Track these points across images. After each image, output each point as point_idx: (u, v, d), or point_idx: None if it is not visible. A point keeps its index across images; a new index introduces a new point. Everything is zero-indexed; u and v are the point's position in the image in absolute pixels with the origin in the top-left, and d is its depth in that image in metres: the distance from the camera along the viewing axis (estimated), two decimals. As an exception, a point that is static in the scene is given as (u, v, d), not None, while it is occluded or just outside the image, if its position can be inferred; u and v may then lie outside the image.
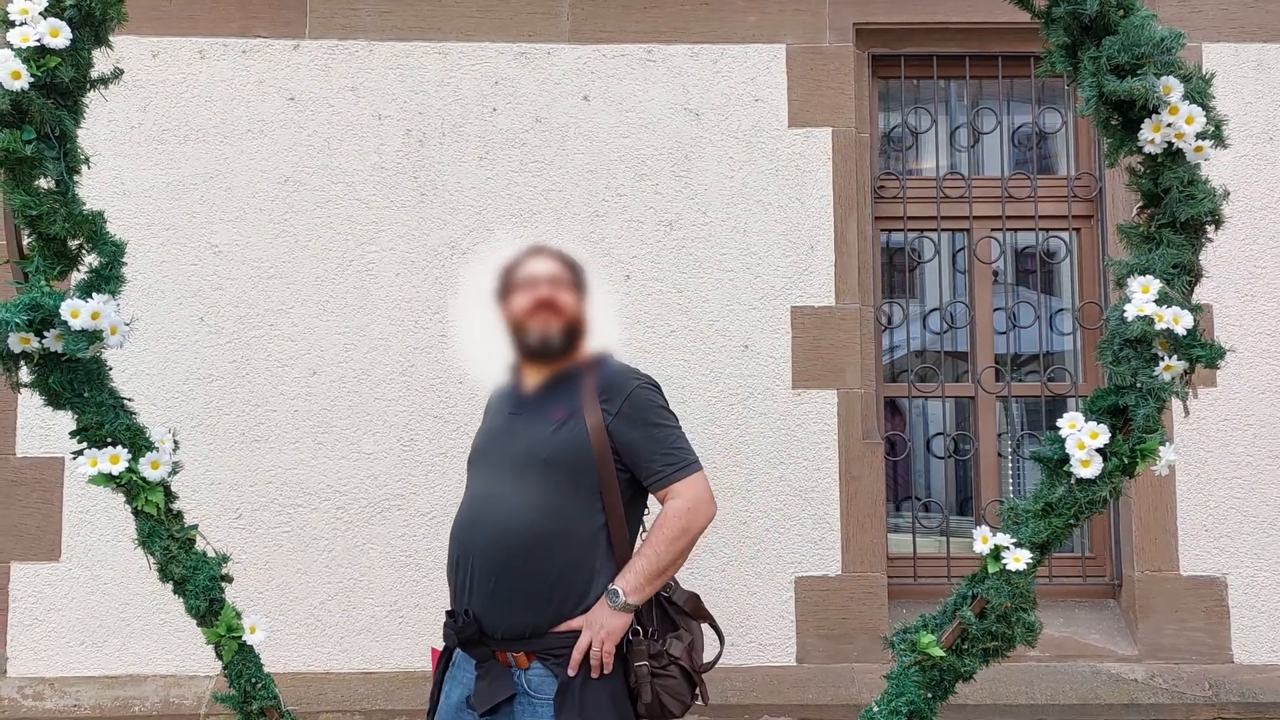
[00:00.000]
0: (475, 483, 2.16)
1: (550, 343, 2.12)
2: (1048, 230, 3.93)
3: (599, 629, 2.00)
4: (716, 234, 3.66)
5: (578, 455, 2.05)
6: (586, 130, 3.68)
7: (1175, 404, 1.90)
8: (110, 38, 1.64)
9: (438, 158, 3.65)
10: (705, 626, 2.22)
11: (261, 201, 3.61)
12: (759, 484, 3.59)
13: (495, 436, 2.18)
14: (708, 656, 2.19)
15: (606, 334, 2.22)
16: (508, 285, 2.20)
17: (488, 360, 2.24)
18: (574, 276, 2.21)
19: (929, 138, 4.01)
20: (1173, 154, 1.83)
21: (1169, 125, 1.81)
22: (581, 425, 2.06)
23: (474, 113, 3.67)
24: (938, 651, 1.84)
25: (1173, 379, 1.81)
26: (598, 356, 2.19)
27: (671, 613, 2.14)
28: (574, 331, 2.15)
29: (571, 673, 1.98)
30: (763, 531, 3.58)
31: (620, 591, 2.01)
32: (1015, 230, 3.97)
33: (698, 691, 2.14)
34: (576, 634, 2.00)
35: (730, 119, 3.70)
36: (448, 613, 2.09)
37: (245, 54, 3.67)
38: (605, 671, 2.00)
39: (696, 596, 2.20)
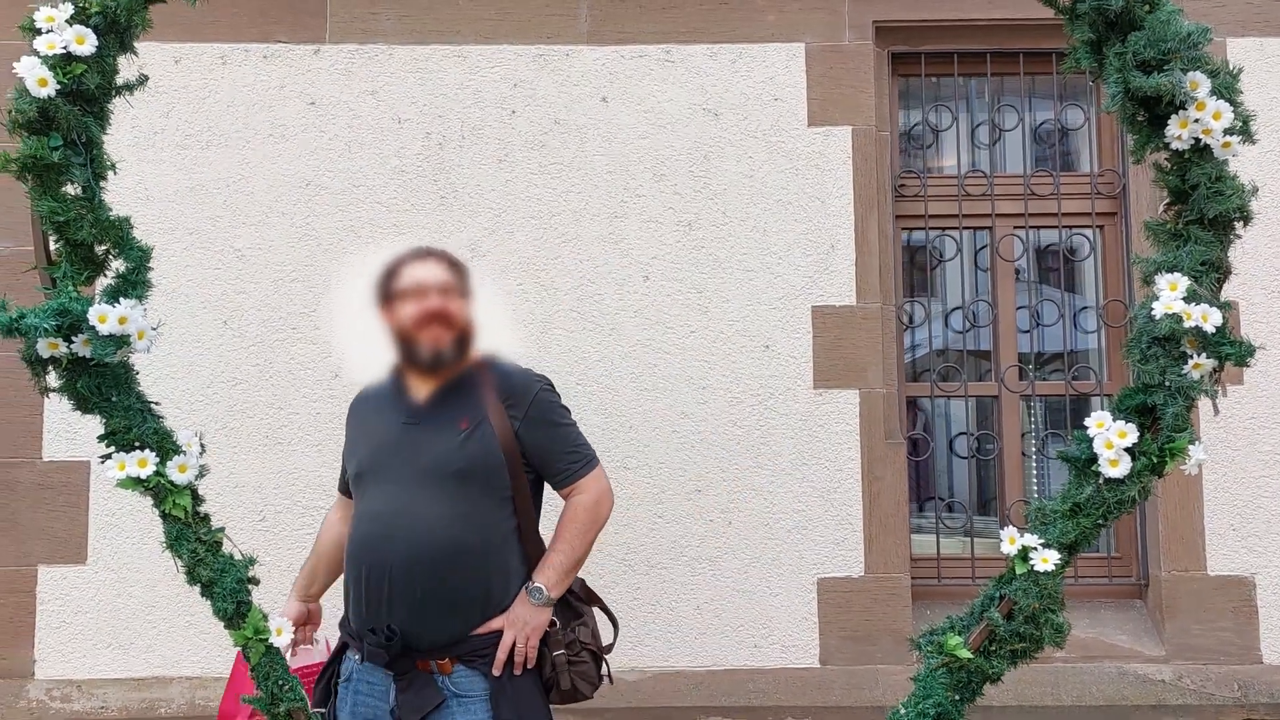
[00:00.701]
0: (376, 498, 2.07)
1: (443, 356, 2.08)
2: (1071, 228, 3.89)
3: (523, 625, 2.06)
4: (736, 234, 3.65)
5: (490, 463, 2.06)
6: (605, 131, 3.68)
7: (1204, 402, 1.88)
8: (134, 44, 1.65)
9: (457, 160, 3.66)
10: (598, 611, 2.29)
11: (283, 206, 3.63)
12: (780, 485, 3.57)
13: (391, 449, 2.09)
14: (605, 639, 2.26)
15: (496, 335, 2.19)
16: (391, 291, 2.13)
17: (367, 363, 2.19)
18: (462, 281, 2.16)
19: (950, 135, 3.99)
20: (1200, 150, 1.81)
21: (1196, 121, 1.79)
22: (490, 432, 2.07)
23: (493, 115, 3.68)
24: (965, 653, 1.82)
25: (1201, 377, 1.79)
26: (488, 359, 2.17)
27: (571, 601, 2.20)
28: (465, 340, 2.12)
29: (497, 672, 2.03)
30: (784, 533, 3.57)
31: (543, 588, 2.08)
32: (1038, 228, 3.94)
33: (604, 672, 2.23)
34: (496, 633, 2.05)
35: (749, 119, 3.69)
36: (370, 630, 2.01)
37: (266, 59, 3.69)
38: (529, 665, 2.08)
39: (584, 582, 2.27)
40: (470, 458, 2.05)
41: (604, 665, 2.23)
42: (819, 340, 3.62)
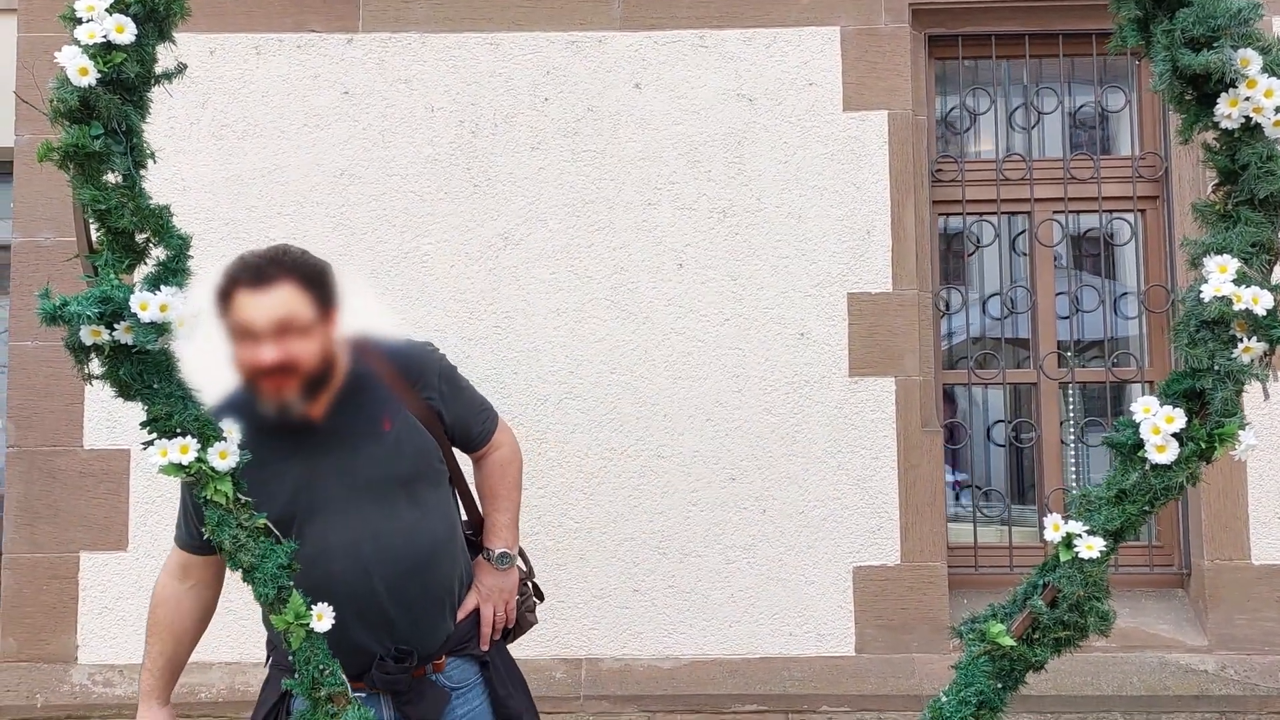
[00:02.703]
0: (322, 532, 1.84)
1: (289, 406, 1.79)
2: (1111, 212, 3.83)
3: (498, 594, 2.05)
4: (771, 220, 3.62)
5: (428, 455, 1.95)
6: (639, 118, 3.66)
7: (1253, 387, 1.84)
8: (173, 33, 1.65)
9: (490, 149, 3.66)
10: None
11: (318, 195, 3.65)
12: (816, 473, 3.55)
13: (319, 479, 1.85)
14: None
15: (360, 320, 1.94)
16: (224, 320, 1.77)
17: (216, 378, 1.84)
18: (314, 302, 1.80)
19: (988, 119, 3.93)
20: (1250, 129, 1.76)
21: (1247, 99, 1.74)
22: (413, 423, 1.92)
23: (526, 103, 3.67)
24: (1008, 641, 1.80)
25: (1252, 361, 1.75)
26: (366, 341, 1.94)
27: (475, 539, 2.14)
28: (323, 374, 1.82)
29: (486, 647, 2.02)
30: (820, 521, 3.55)
31: (507, 551, 2.07)
32: (1078, 213, 3.88)
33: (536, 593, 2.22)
34: (472, 614, 2.02)
35: (784, 104, 3.66)
36: (381, 658, 1.86)
37: (300, 49, 3.70)
38: (509, 628, 2.08)
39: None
40: (411, 458, 1.91)
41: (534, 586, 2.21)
42: (855, 327, 3.59)
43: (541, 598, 2.23)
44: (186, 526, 1.93)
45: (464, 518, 2.15)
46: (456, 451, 2.09)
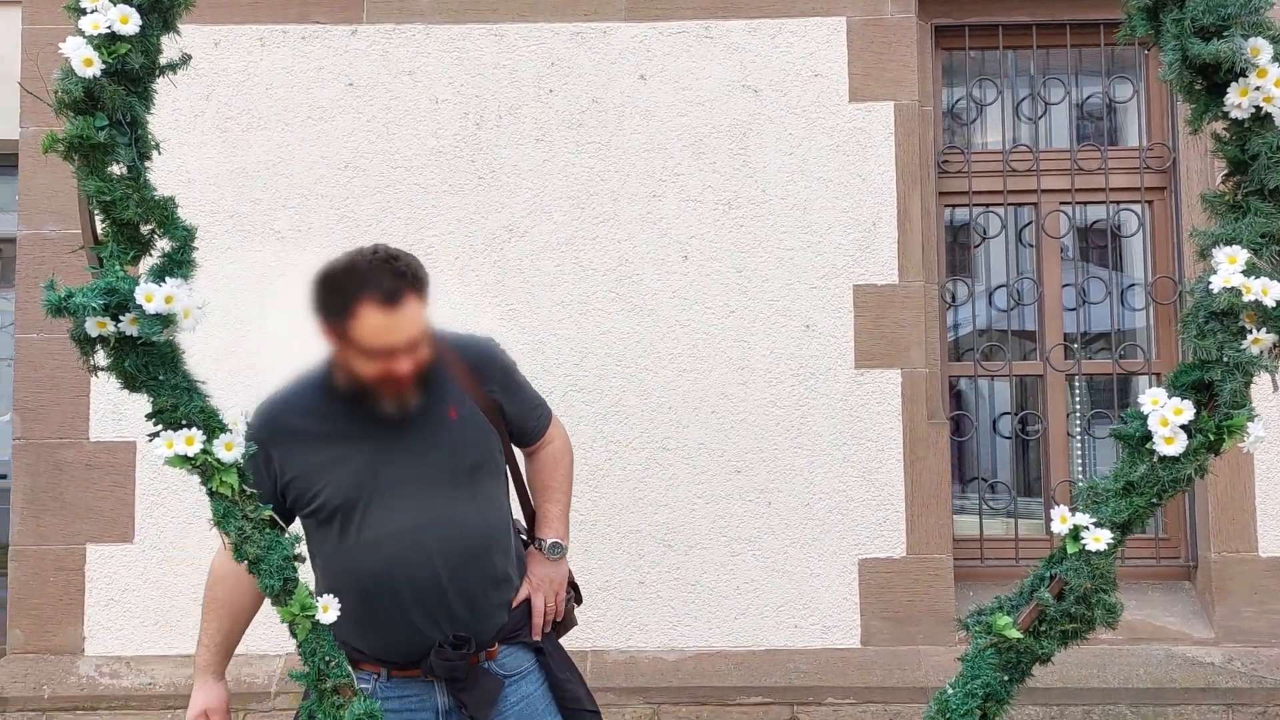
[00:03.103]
0: (387, 517, 1.87)
1: (406, 404, 1.85)
2: (1118, 203, 3.82)
3: (549, 584, 2.07)
4: (776, 212, 3.61)
5: (490, 445, 1.99)
6: (643, 109, 3.65)
7: (1262, 379, 1.83)
8: (177, 23, 1.65)
9: (495, 140, 3.65)
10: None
11: (322, 187, 3.64)
12: (821, 465, 3.55)
13: (384, 463, 1.87)
14: None
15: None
16: (345, 331, 1.80)
17: (285, 364, 1.94)
18: (425, 303, 1.84)
19: (994, 110, 3.91)
20: (1261, 119, 1.75)
21: (1257, 89, 1.73)
22: (478, 413, 1.96)
23: (530, 94, 3.66)
24: (1014, 633, 1.79)
25: (1261, 352, 1.74)
26: (431, 334, 1.92)
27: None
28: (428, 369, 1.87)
29: (538, 637, 2.04)
30: (825, 513, 3.55)
31: (560, 542, 2.10)
32: (1085, 204, 3.86)
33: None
34: (525, 605, 2.04)
35: (789, 95, 3.64)
36: (440, 645, 1.86)
37: (304, 40, 3.69)
38: (558, 620, 2.10)
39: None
40: (474, 448, 1.95)
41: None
42: (860, 319, 3.58)
43: (580, 600, 2.24)
44: None
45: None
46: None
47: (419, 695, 1.93)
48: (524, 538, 2.14)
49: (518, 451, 2.14)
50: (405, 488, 1.88)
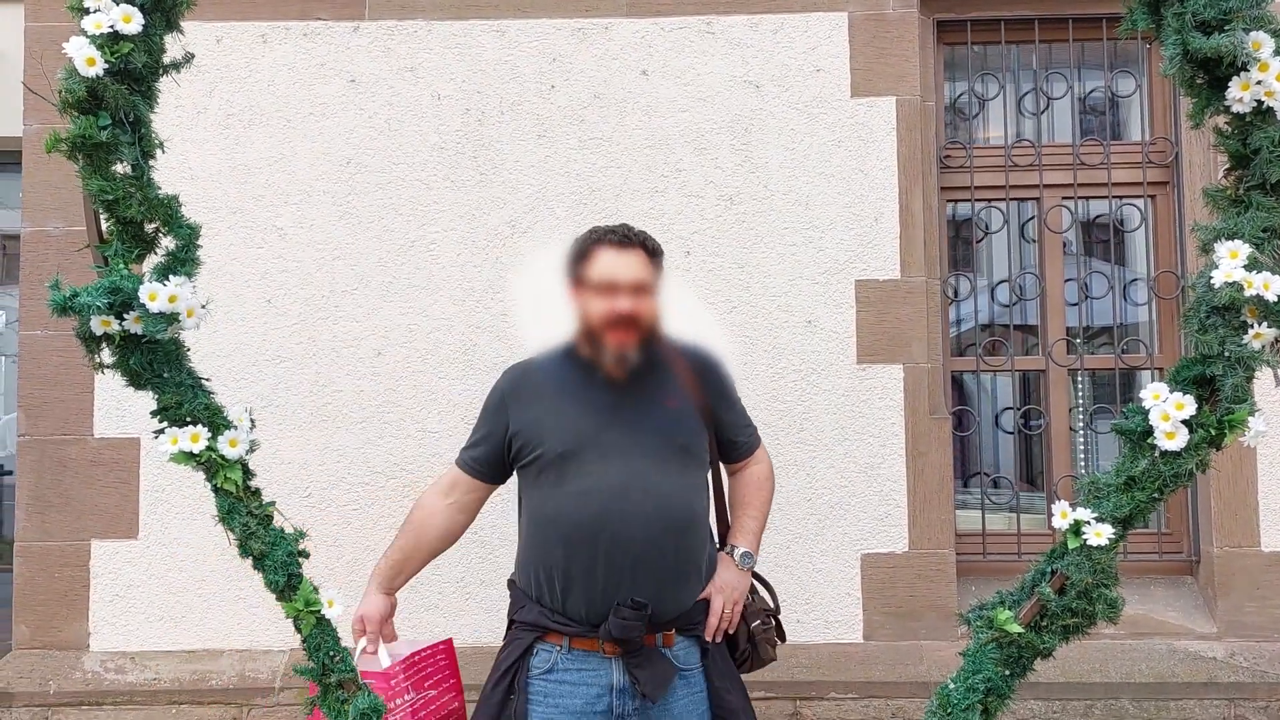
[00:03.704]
0: (598, 473, 2.00)
1: (626, 358, 2.01)
2: (1121, 198, 3.81)
3: (731, 591, 2.11)
4: (778, 208, 3.61)
5: (701, 440, 2.10)
6: (645, 105, 3.65)
7: (1264, 373, 1.83)
8: (180, 22, 1.65)
9: (497, 136, 3.65)
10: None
11: (324, 184, 3.65)
12: (823, 461, 3.55)
13: (605, 424, 2.03)
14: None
15: (676, 313, 2.12)
16: (581, 275, 2.05)
17: (542, 333, 2.13)
18: (658, 273, 2.07)
19: (996, 105, 3.91)
20: (1263, 113, 1.76)
21: (1259, 83, 1.73)
22: (694, 411, 2.10)
23: (532, 90, 3.66)
24: (1015, 628, 1.80)
25: (1263, 347, 1.75)
26: (664, 335, 2.12)
27: None
28: (651, 338, 2.05)
29: (710, 639, 2.07)
30: (827, 508, 3.55)
31: (750, 553, 2.16)
32: (1087, 198, 3.86)
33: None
34: (704, 602, 2.08)
35: (791, 90, 3.64)
36: (619, 604, 1.94)
37: (306, 37, 3.69)
38: (731, 631, 2.12)
39: None
40: (689, 432, 2.08)
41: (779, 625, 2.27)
42: (862, 315, 3.58)
43: (783, 638, 2.26)
44: (475, 451, 2.17)
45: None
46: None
47: (595, 670, 2.00)
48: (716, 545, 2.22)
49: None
50: (620, 449, 2.00)
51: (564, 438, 2.02)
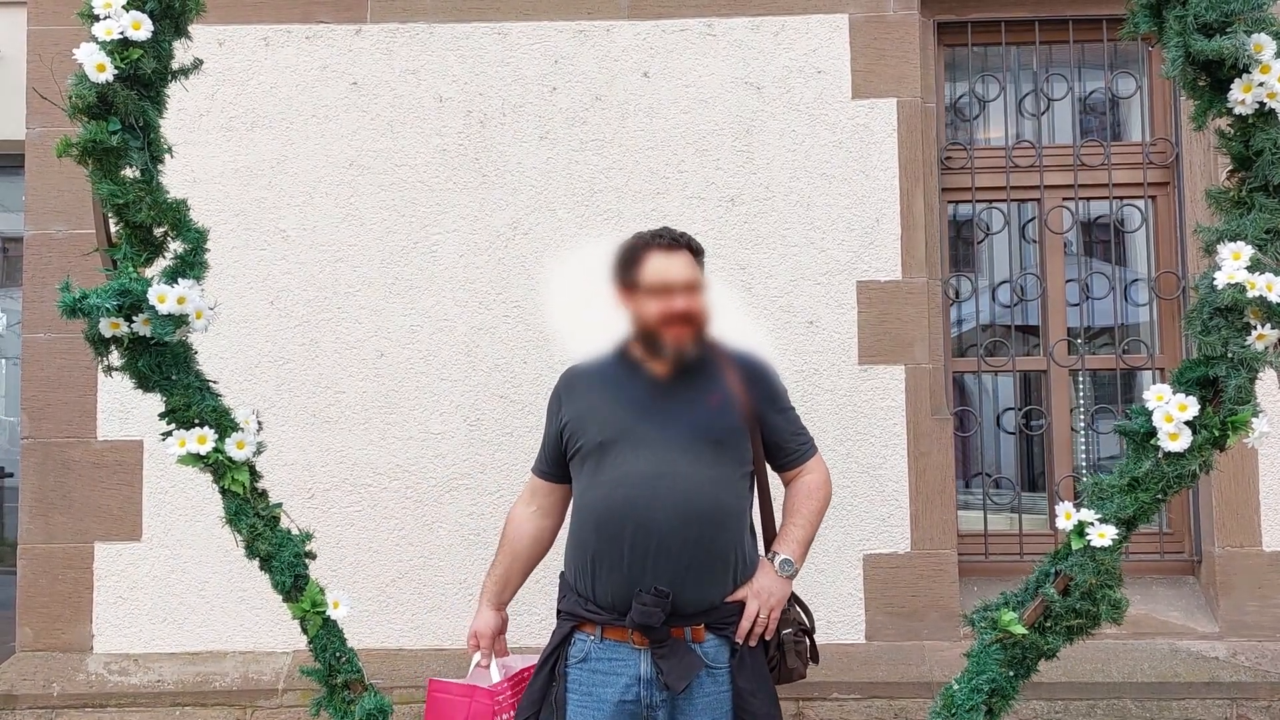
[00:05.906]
0: (631, 461, 2.06)
1: (684, 353, 2.09)
2: (1122, 198, 3.82)
3: (768, 596, 2.11)
4: (779, 209, 3.62)
5: (739, 436, 2.12)
6: (647, 107, 3.66)
7: (1267, 374, 1.84)
8: (188, 28, 1.66)
9: (499, 138, 3.66)
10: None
11: (327, 186, 3.66)
12: (826, 461, 3.54)
13: (643, 415, 2.09)
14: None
15: (722, 315, 2.19)
16: (634, 280, 2.11)
17: (588, 337, 2.21)
18: (701, 269, 2.15)
19: (997, 106, 3.92)
20: (1264, 115, 1.76)
21: (1260, 85, 1.74)
22: (736, 409, 2.12)
23: (534, 92, 3.67)
24: (1019, 629, 1.81)
25: (1265, 348, 1.75)
26: (715, 339, 2.18)
27: None
28: (704, 333, 2.13)
29: (741, 640, 2.08)
30: (830, 509, 3.53)
31: (791, 560, 2.16)
32: (1088, 199, 3.87)
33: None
34: (740, 603, 2.09)
35: (792, 92, 3.65)
36: (641, 590, 2.00)
37: (308, 40, 3.70)
38: (767, 638, 2.13)
39: None
40: (726, 427, 2.10)
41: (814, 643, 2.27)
42: (864, 316, 3.59)
43: (816, 659, 2.25)
44: (541, 454, 2.27)
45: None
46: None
47: (625, 660, 2.05)
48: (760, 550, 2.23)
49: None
50: (652, 441, 2.06)
51: (603, 429, 2.10)
